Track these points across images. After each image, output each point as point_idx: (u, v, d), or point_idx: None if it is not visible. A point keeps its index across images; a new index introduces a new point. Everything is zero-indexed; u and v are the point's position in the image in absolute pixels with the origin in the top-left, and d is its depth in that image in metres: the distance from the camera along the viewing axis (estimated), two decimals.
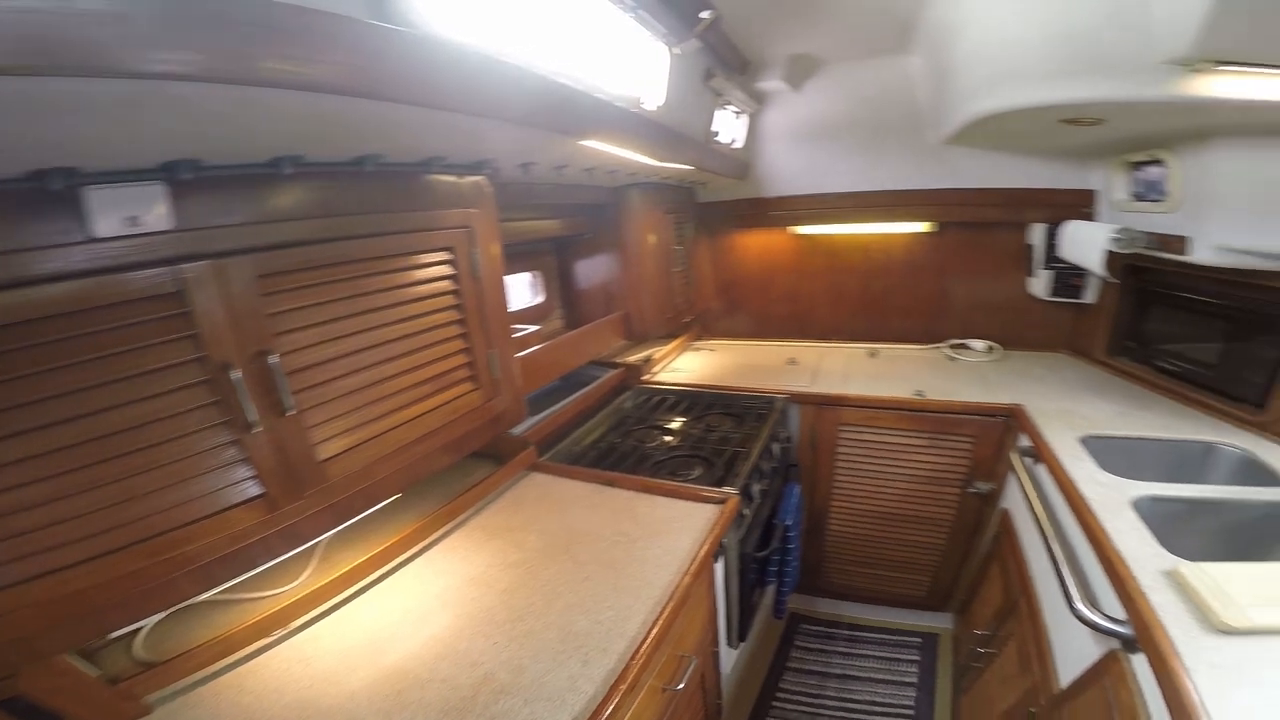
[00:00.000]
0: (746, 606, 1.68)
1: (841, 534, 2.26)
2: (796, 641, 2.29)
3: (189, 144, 0.68)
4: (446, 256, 1.10)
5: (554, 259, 2.16)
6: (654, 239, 2.06)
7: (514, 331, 1.62)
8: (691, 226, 2.51)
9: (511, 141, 1.05)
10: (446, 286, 1.11)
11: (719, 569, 1.40)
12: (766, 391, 2.11)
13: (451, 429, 1.15)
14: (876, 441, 2.06)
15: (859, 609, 2.41)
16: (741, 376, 2.31)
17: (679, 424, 1.90)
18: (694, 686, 1.31)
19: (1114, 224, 1.89)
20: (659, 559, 1.15)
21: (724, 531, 1.30)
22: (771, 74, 2.11)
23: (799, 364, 2.45)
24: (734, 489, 1.42)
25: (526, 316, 2.01)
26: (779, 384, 2.17)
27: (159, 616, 0.95)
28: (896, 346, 2.62)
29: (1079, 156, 2.10)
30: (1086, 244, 1.93)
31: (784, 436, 2.06)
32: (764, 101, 2.32)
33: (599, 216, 2.04)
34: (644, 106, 1.40)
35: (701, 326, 3.01)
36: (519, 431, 1.61)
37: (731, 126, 2.19)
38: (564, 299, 2.24)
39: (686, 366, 2.50)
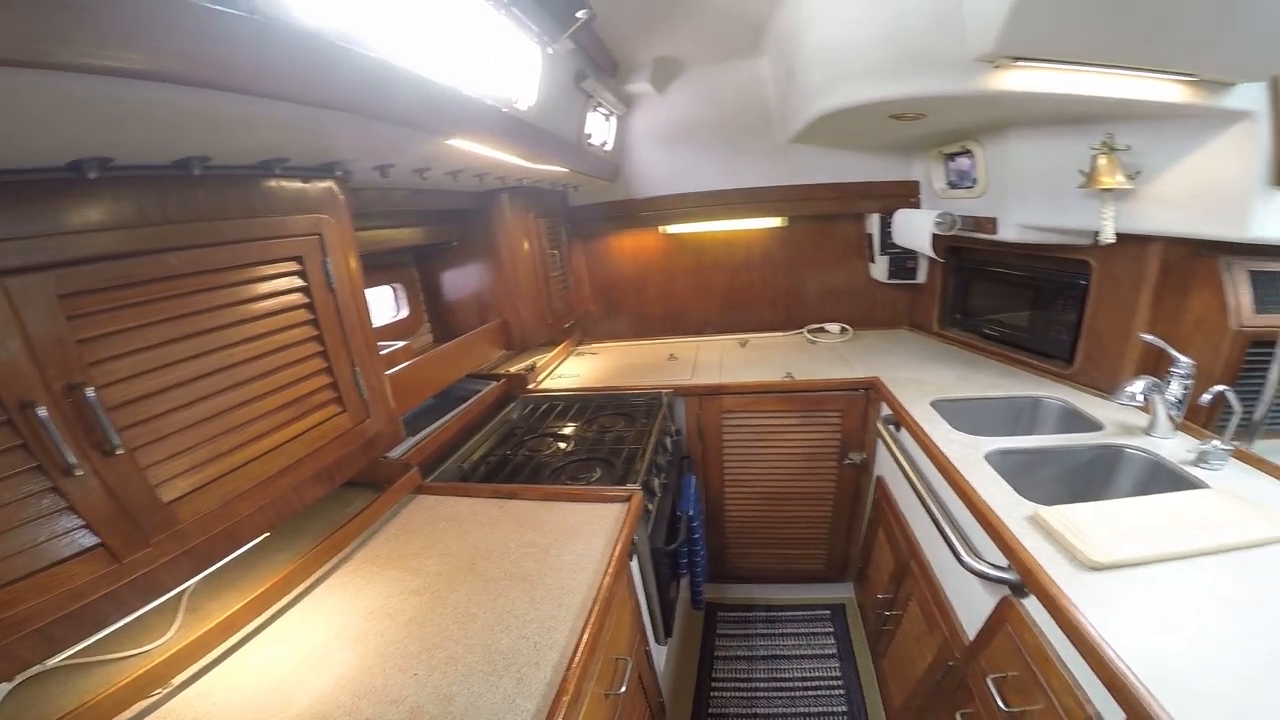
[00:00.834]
0: (666, 601, 1.72)
1: (739, 519, 2.38)
2: (718, 630, 2.38)
3: None
4: (295, 267, 1.01)
5: (416, 270, 2.07)
6: (528, 244, 2.04)
7: (382, 347, 1.53)
8: (565, 230, 2.52)
9: (366, 141, 0.99)
10: (298, 300, 1.02)
11: (635, 567, 1.41)
12: (653, 388, 2.18)
13: (320, 456, 1.06)
14: (757, 425, 2.21)
15: (768, 590, 2.55)
16: (627, 376, 2.36)
17: (572, 429, 1.90)
18: (634, 688, 1.31)
19: (935, 210, 2.20)
20: (574, 564, 1.14)
21: (634, 528, 1.31)
22: (639, 76, 2.19)
23: (679, 359, 2.56)
24: (636, 485, 1.45)
25: (391, 332, 1.90)
26: (663, 380, 2.25)
27: (4, 688, 0.81)
28: (763, 335, 2.83)
29: (903, 151, 2.41)
30: (914, 229, 2.23)
31: (674, 430, 2.14)
32: (632, 104, 2.40)
33: (466, 223, 1.99)
34: (516, 106, 1.40)
35: (583, 331, 3.03)
36: (398, 455, 1.52)
37: (602, 129, 2.25)
38: (432, 312, 2.15)
39: (572, 371, 2.51)
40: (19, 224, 0.66)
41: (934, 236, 2.11)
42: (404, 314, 2.00)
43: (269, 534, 1.16)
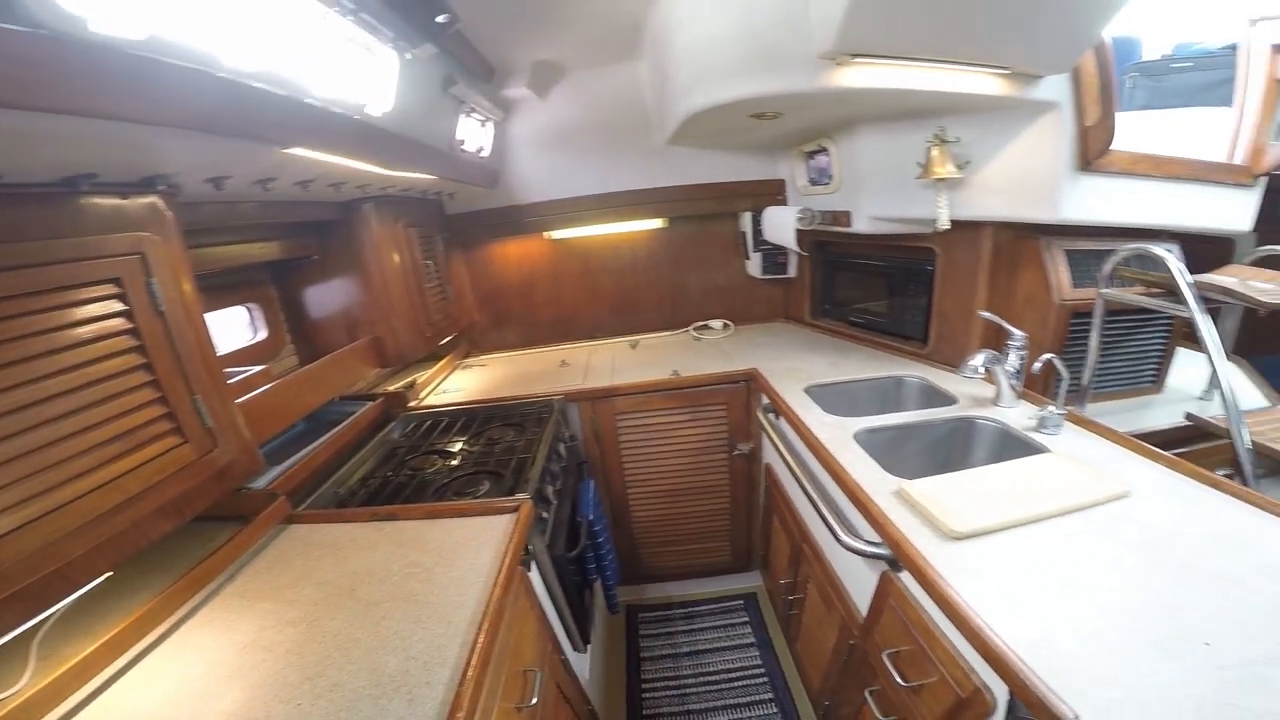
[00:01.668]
0: (579, 609, 1.74)
1: (645, 518, 2.46)
2: (641, 632, 2.44)
3: None
4: (114, 290, 0.93)
5: (274, 288, 1.96)
6: (398, 256, 1.99)
7: (235, 373, 1.45)
8: (442, 239, 2.48)
9: (190, 153, 0.95)
10: (119, 326, 0.94)
11: (536, 577, 1.42)
12: (543, 396, 2.20)
13: (163, 490, 0.99)
14: (650, 424, 2.29)
15: (683, 586, 2.65)
16: (517, 386, 2.36)
17: (459, 444, 1.88)
18: (553, 698, 1.32)
19: (799, 206, 2.40)
20: (462, 580, 1.14)
21: (523, 538, 1.32)
22: (517, 81, 2.19)
23: (570, 364, 2.60)
24: (525, 494, 1.46)
25: (247, 356, 1.79)
26: (555, 387, 2.28)
27: None
28: (653, 335, 2.94)
29: (770, 150, 2.59)
30: (780, 226, 2.41)
31: (568, 436, 2.17)
32: (511, 109, 2.40)
33: (327, 235, 1.90)
34: (368, 113, 1.37)
35: (470, 343, 2.99)
36: (263, 484, 1.44)
37: (478, 134, 2.24)
38: (296, 332, 2.04)
39: (458, 386, 2.47)
40: None
41: (797, 231, 2.30)
42: (262, 336, 1.88)
43: (116, 573, 1.08)
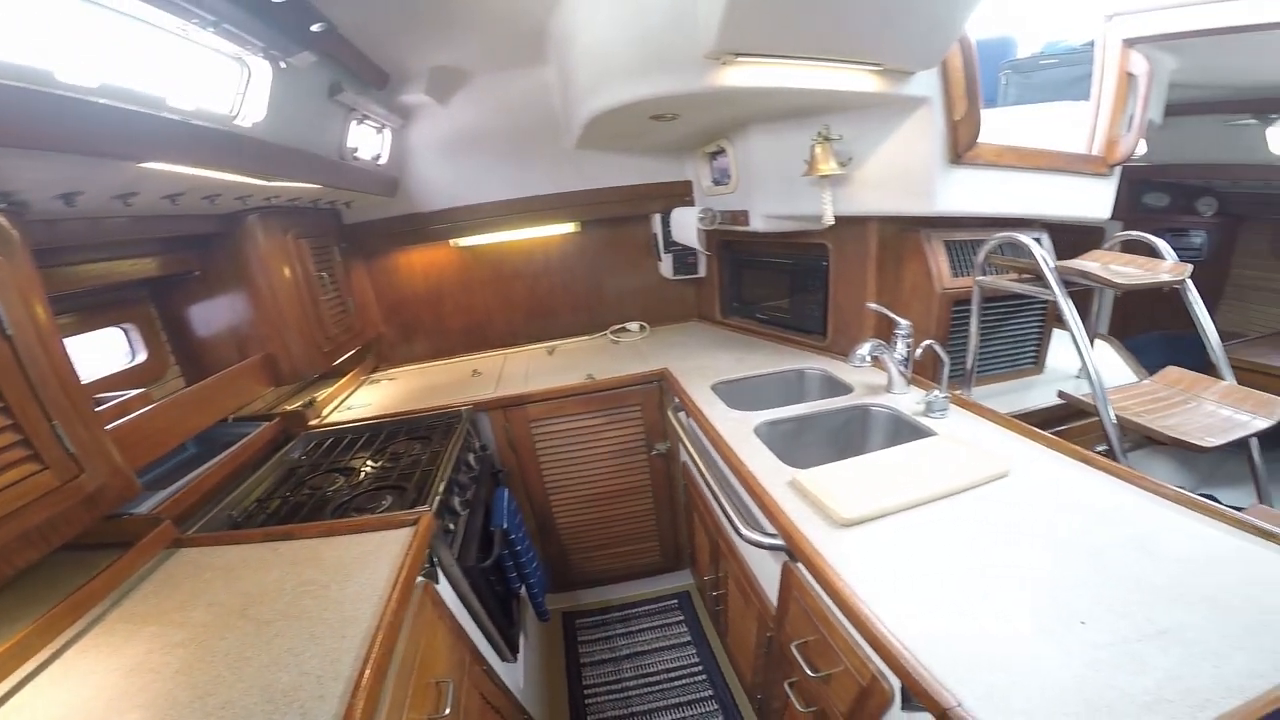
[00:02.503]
0: (505, 618, 1.78)
1: (571, 524, 2.52)
2: (579, 637, 2.50)
3: None
4: None
5: (154, 307, 1.90)
6: (289, 269, 1.97)
7: (110, 397, 1.43)
8: (340, 250, 2.46)
9: (32, 170, 0.94)
10: None
11: (447, 589, 1.45)
12: (450, 407, 2.22)
13: (24, 518, 0.97)
14: (567, 429, 2.35)
15: (618, 589, 2.72)
16: (425, 398, 2.37)
17: (362, 460, 1.88)
18: (476, 707, 1.36)
19: (702, 207, 2.53)
20: (358, 595, 1.16)
21: (422, 550, 1.35)
22: (414, 87, 2.21)
23: (483, 373, 2.63)
24: (425, 507, 1.49)
25: (125, 380, 1.73)
26: (464, 397, 2.30)
27: None
28: (570, 340, 3.02)
29: (676, 152, 2.72)
30: (685, 227, 2.54)
31: (479, 446, 2.20)
32: (410, 115, 2.41)
33: (209, 250, 1.87)
34: (238, 124, 1.37)
35: (378, 357, 2.96)
36: (147, 509, 1.43)
37: (373, 142, 2.24)
38: (182, 353, 1.98)
39: (364, 401, 2.46)
40: None
41: (701, 232, 2.43)
42: (141, 358, 1.82)
43: None
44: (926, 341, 1.77)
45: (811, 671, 1.17)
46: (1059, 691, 0.79)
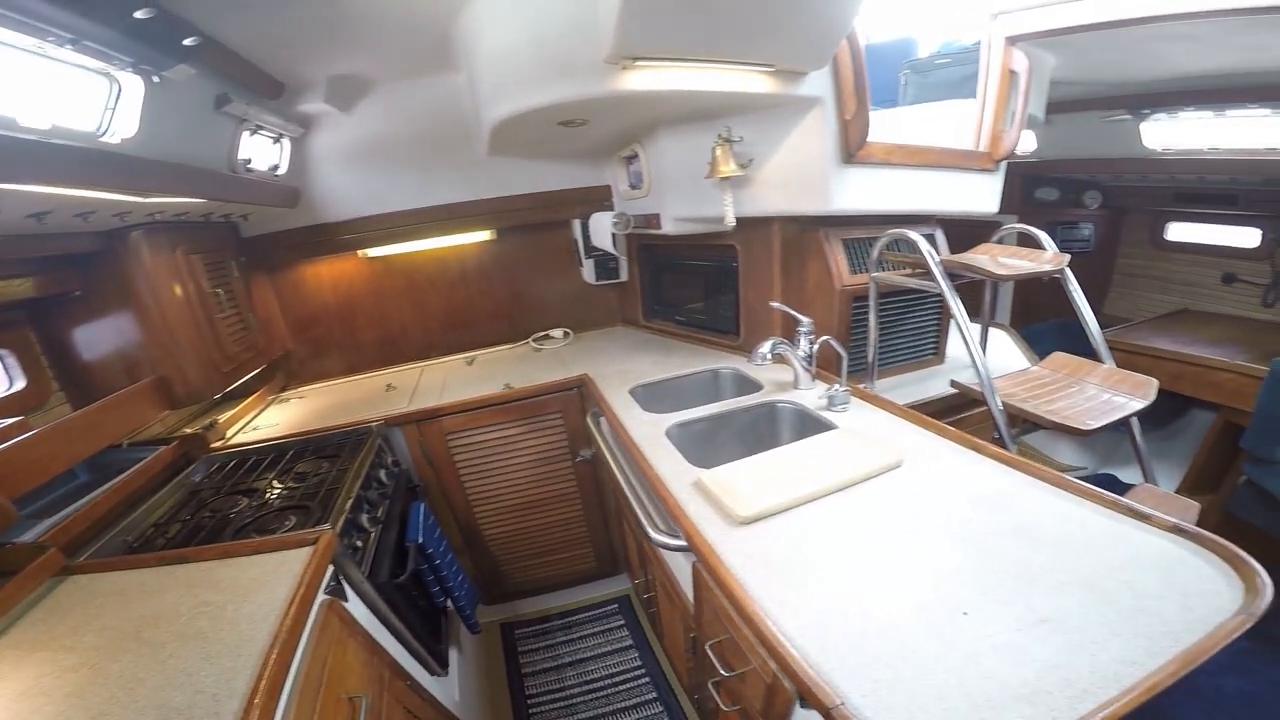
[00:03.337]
0: (431, 633, 1.86)
1: (500, 535, 2.62)
2: (519, 647, 2.61)
3: None
4: None
5: (33, 331, 1.91)
6: (180, 287, 2.01)
7: None
8: (238, 265, 2.49)
9: None
10: None
11: (358, 606, 1.53)
12: (360, 423, 2.28)
13: None
14: (486, 440, 2.46)
15: (556, 597, 2.85)
16: (335, 416, 2.43)
17: (267, 481, 1.93)
18: None
19: (620, 211, 2.68)
20: (254, 615, 1.22)
21: (321, 569, 1.41)
22: (313, 96, 2.25)
23: (398, 388, 2.70)
24: (327, 526, 1.56)
25: (2, 408, 1.75)
26: (376, 413, 2.37)
27: None
28: (491, 350, 3.13)
29: (594, 157, 2.84)
30: (602, 231, 2.69)
31: (392, 461, 2.28)
32: (311, 124, 2.45)
33: (89, 269, 1.89)
34: (105, 140, 1.43)
35: (287, 374, 2.99)
36: (31, 538, 1.46)
37: (269, 152, 2.29)
38: (66, 379, 1.99)
39: (271, 421, 2.49)
40: None
41: (617, 236, 2.58)
42: (20, 385, 1.83)
43: None
44: (824, 338, 1.96)
45: (725, 671, 1.23)
46: (941, 686, 0.84)
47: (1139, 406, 1.75)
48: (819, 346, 2.03)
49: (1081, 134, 3.06)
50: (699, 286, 2.78)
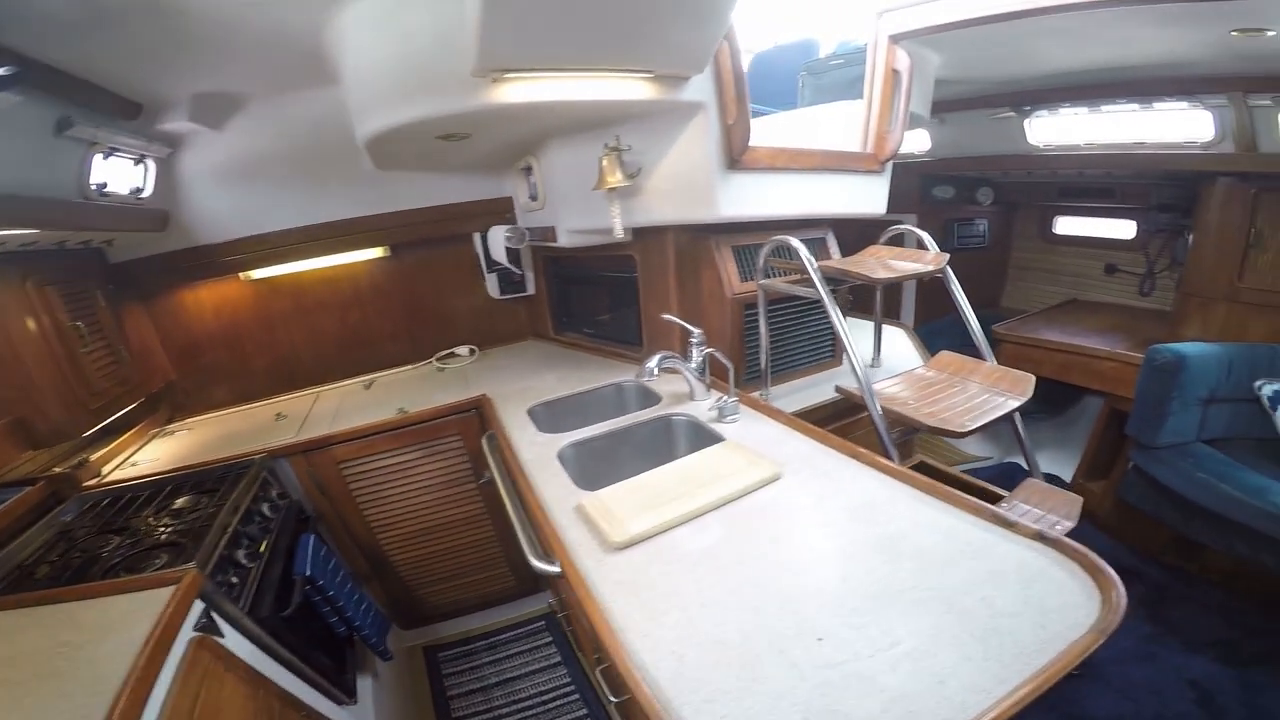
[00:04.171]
0: (335, 662, 1.93)
1: (409, 560, 2.69)
2: (444, 671, 2.69)
3: None
4: None
5: None
6: (34, 322, 2.02)
7: None
8: (104, 294, 2.50)
9: None
10: None
11: (239, 641, 1.59)
12: (242, 456, 2.32)
13: None
14: (383, 467, 2.53)
15: (478, 618, 2.94)
16: (219, 449, 2.46)
17: (142, 518, 1.97)
18: None
19: (514, 225, 2.80)
20: (113, 655, 1.28)
21: (184, 606, 1.47)
22: (176, 115, 2.25)
23: (288, 416, 2.75)
24: (192, 565, 1.61)
25: None
26: (260, 444, 2.41)
27: None
28: (391, 372, 3.19)
29: (492, 169, 2.94)
30: (497, 246, 2.82)
31: (277, 494, 2.33)
32: (179, 143, 2.46)
33: None
34: None
35: (172, 406, 2.98)
36: None
37: (130, 174, 2.31)
38: None
39: (151, 456, 2.51)
40: None
41: (509, 251, 2.71)
42: None
43: None
44: (707, 350, 2.11)
45: (614, 696, 1.27)
46: None
47: (1014, 405, 1.93)
48: (702, 357, 2.16)
49: (972, 132, 3.35)
50: (604, 298, 2.92)
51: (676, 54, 1.71)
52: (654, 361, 2.03)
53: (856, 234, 2.75)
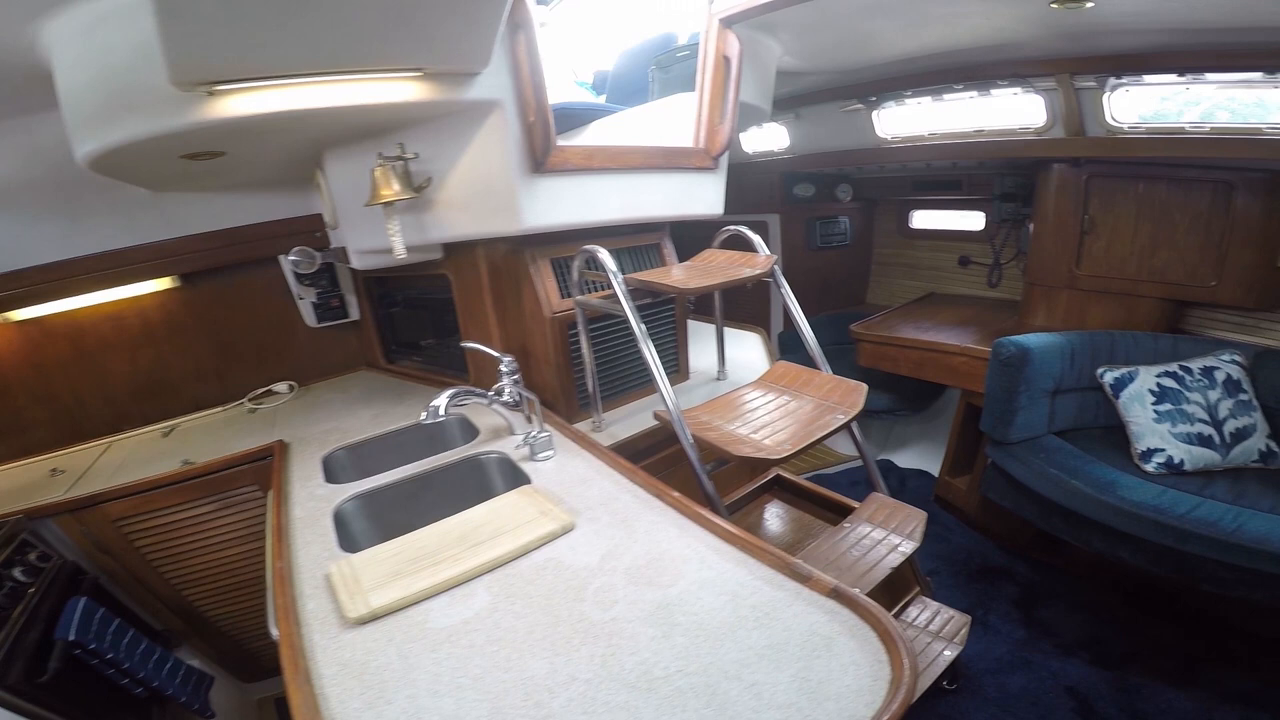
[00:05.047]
0: None
1: (229, 615, 2.61)
2: None
3: None
4: None
5: None
6: None
7: None
8: None
9: None
10: None
11: None
12: None
13: None
14: (171, 522, 2.42)
15: None
16: None
17: None
18: None
19: (302, 248, 2.71)
20: None
21: None
22: None
23: (65, 472, 2.60)
24: None
25: None
26: (21, 504, 2.28)
27: None
28: (196, 416, 3.05)
29: (295, 185, 2.83)
30: (287, 272, 2.72)
31: (38, 556, 2.18)
32: None
33: None
34: None
35: None
36: None
37: None
38: None
39: None
40: None
41: (298, 276, 2.62)
42: None
43: None
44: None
45: None
46: None
47: (842, 421, 1.92)
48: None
49: (826, 127, 3.46)
50: (428, 322, 2.87)
51: (446, 49, 1.64)
52: (441, 401, 1.90)
53: (700, 238, 2.75)
